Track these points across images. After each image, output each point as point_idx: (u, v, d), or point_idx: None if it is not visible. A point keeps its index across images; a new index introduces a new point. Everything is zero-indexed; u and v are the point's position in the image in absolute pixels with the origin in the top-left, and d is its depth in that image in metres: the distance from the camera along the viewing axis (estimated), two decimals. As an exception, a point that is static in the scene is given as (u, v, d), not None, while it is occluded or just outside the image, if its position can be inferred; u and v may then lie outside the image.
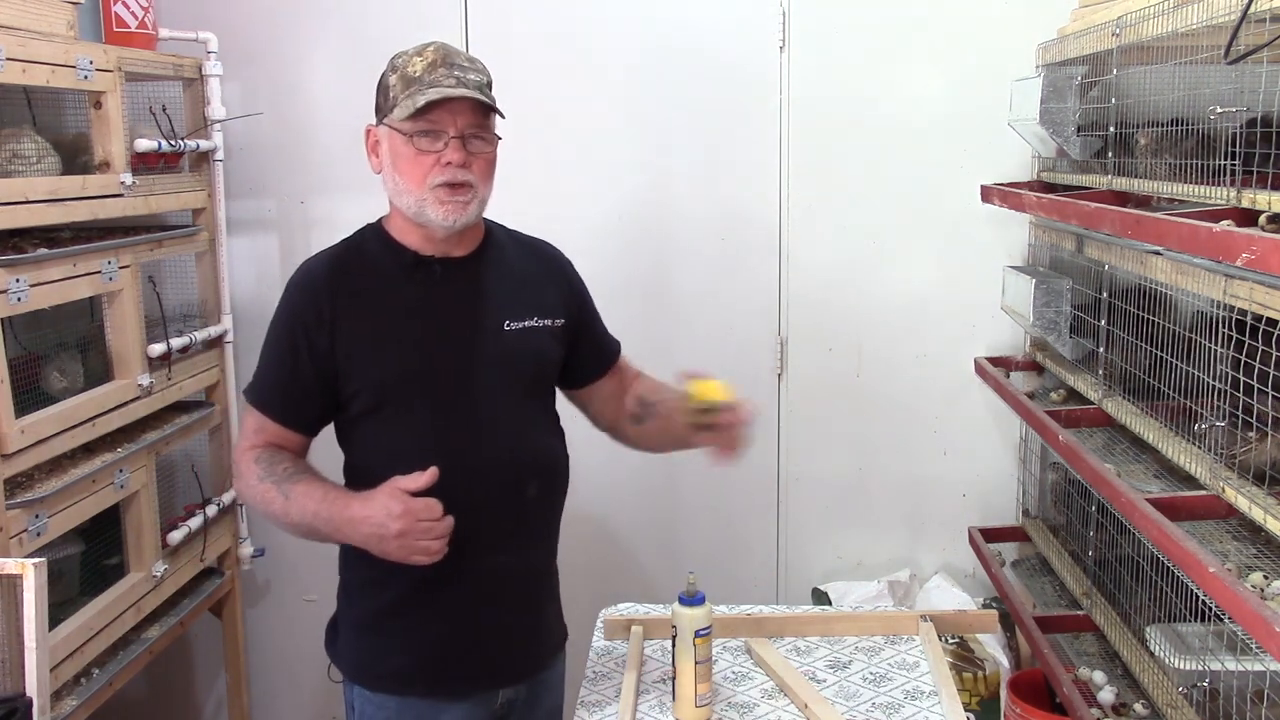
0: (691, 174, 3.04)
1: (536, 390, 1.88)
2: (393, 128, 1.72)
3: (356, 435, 1.79)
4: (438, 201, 1.71)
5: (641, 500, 3.16)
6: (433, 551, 1.63)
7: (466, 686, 1.80)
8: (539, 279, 1.90)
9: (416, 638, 1.78)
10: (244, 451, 1.76)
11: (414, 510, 1.60)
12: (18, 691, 1.81)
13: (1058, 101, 2.38)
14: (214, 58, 2.88)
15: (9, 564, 1.83)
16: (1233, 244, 1.51)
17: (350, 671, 1.83)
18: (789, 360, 3.09)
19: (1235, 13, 1.61)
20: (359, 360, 1.73)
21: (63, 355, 2.35)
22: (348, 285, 1.76)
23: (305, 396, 1.75)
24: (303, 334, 1.73)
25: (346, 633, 1.84)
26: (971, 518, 3.08)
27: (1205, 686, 1.82)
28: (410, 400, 1.74)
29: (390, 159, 1.73)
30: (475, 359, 1.77)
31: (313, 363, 1.73)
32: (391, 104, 1.71)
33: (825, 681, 1.86)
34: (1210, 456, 1.77)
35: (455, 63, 1.72)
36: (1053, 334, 2.48)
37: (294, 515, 1.69)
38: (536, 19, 3.01)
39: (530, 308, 1.84)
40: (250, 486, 1.73)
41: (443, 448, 1.71)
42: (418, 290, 1.77)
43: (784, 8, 2.97)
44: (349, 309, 1.74)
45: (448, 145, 1.70)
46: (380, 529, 1.61)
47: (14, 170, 2.20)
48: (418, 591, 1.75)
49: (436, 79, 1.69)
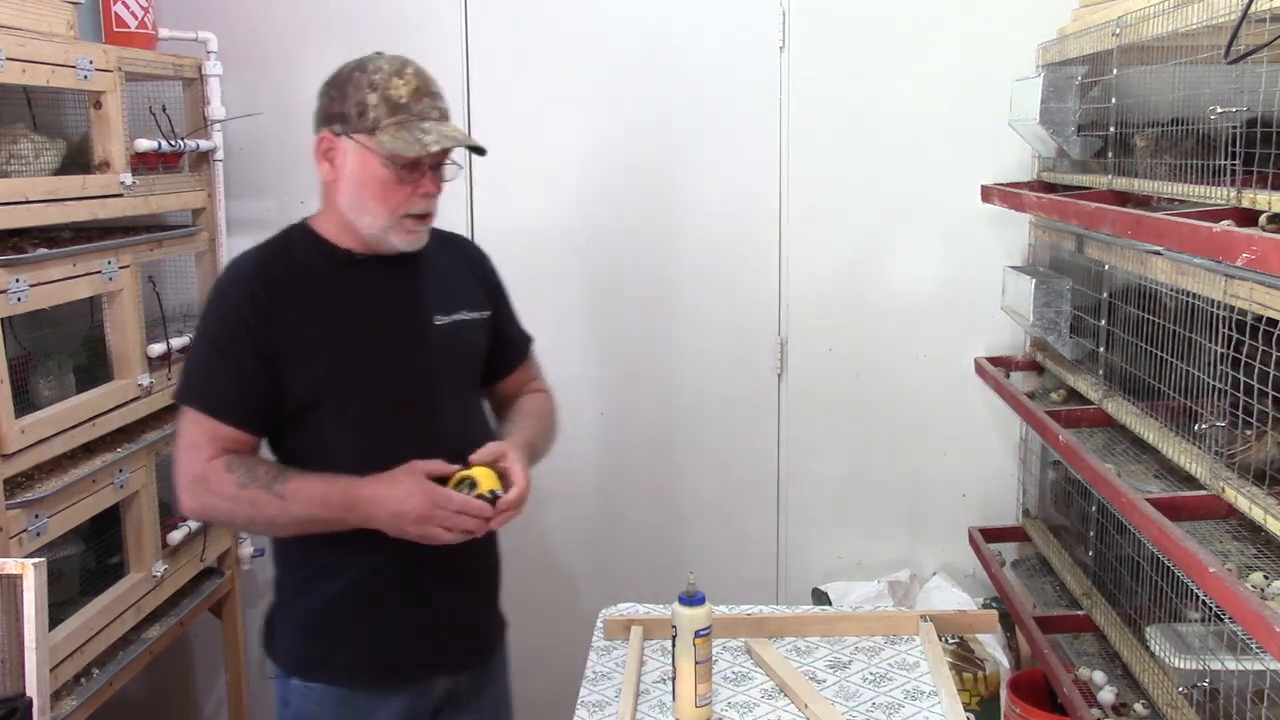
0: (691, 174, 3.03)
1: (469, 382, 1.91)
2: (369, 148, 1.70)
3: (290, 435, 1.78)
4: (405, 231, 1.74)
5: (641, 500, 3.16)
6: (461, 533, 1.67)
7: (410, 678, 1.81)
8: (463, 273, 1.93)
9: (362, 630, 1.79)
10: (206, 463, 1.70)
11: (438, 498, 1.65)
12: (18, 691, 1.81)
13: (1058, 101, 2.38)
14: (214, 58, 2.88)
15: (9, 564, 1.83)
16: (1233, 244, 1.50)
17: (290, 666, 1.83)
18: (789, 360, 3.09)
19: (1235, 13, 1.61)
20: (297, 357, 1.72)
21: (50, 363, 2.34)
22: (282, 283, 1.74)
23: (256, 395, 1.72)
24: (244, 332, 1.71)
25: (286, 627, 1.84)
26: (971, 518, 3.08)
27: (1205, 686, 1.82)
28: (348, 395, 1.75)
29: (358, 177, 1.72)
30: (411, 353, 1.79)
31: (256, 358, 1.71)
32: (373, 124, 1.69)
33: (825, 681, 1.86)
34: (1210, 456, 1.77)
35: (432, 90, 1.74)
36: (1053, 334, 2.48)
37: (294, 512, 1.68)
38: (536, 19, 3.01)
39: (458, 301, 1.86)
40: (228, 498, 1.69)
41: (384, 441, 1.74)
42: (352, 287, 1.77)
43: (784, 8, 2.97)
44: (285, 306, 1.73)
45: (425, 175, 1.72)
46: (401, 511, 1.65)
47: (12, 170, 2.20)
48: (363, 585, 1.77)
49: (424, 110, 1.71)
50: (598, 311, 3.10)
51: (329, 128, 1.74)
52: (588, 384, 3.12)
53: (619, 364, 3.12)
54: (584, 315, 3.12)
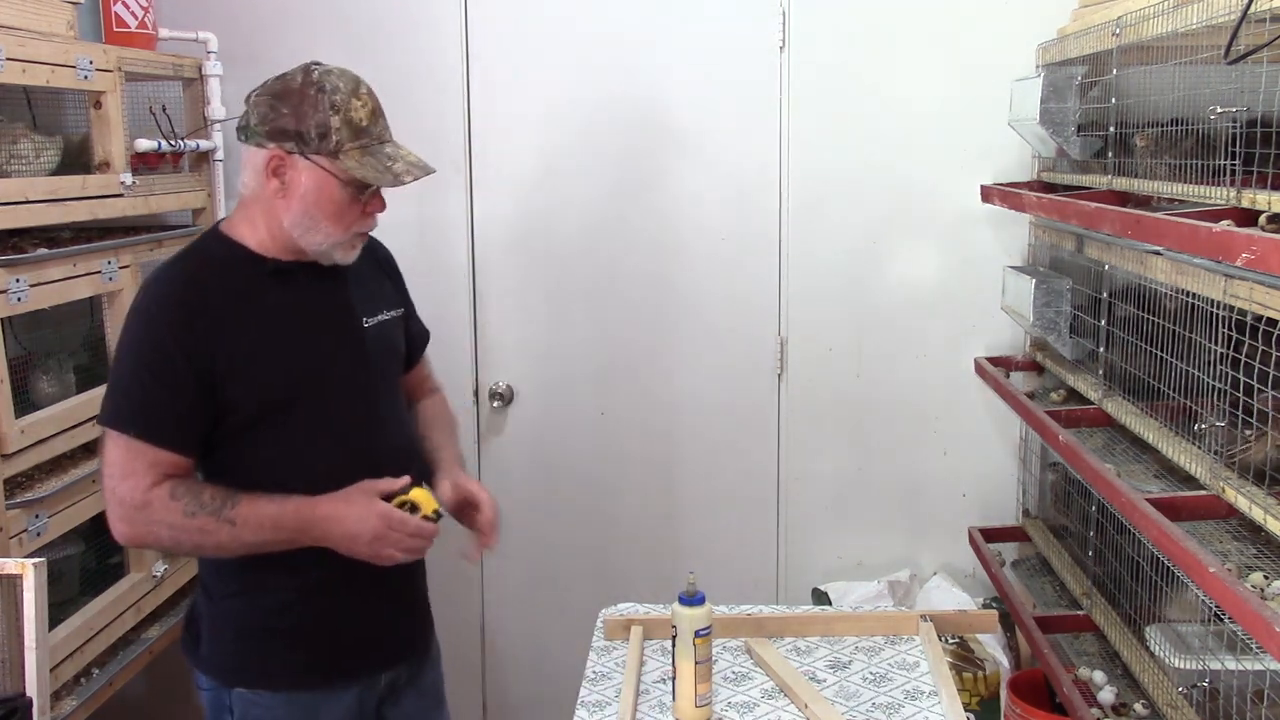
0: (691, 174, 3.03)
1: (395, 380, 1.94)
2: (329, 171, 1.68)
3: (230, 451, 1.74)
4: (350, 246, 1.76)
5: (641, 500, 3.16)
6: (412, 553, 1.71)
7: (355, 672, 1.83)
8: (377, 273, 1.94)
9: (306, 633, 1.79)
10: (148, 491, 1.64)
11: (393, 521, 1.68)
12: (18, 691, 1.81)
13: (1058, 101, 2.38)
14: (214, 58, 2.88)
15: (9, 564, 1.83)
16: (1233, 244, 1.50)
17: (229, 675, 1.80)
18: (789, 360, 3.09)
19: (1235, 13, 1.61)
20: (238, 372, 1.69)
21: (50, 362, 2.34)
22: (213, 297, 1.70)
23: (194, 418, 1.68)
24: (178, 350, 1.66)
25: (220, 637, 1.80)
26: (971, 518, 3.08)
27: (1205, 686, 1.82)
28: (295, 405, 1.74)
29: (313, 198, 1.69)
30: (349, 358, 1.80)
31: (193, 378, 1.66)
32: (335, 146, 1.67)
33: (825, 681, 1.87)
34: (1210, 456, 1.77)
35: (380, 108, 1.75)
36: (1053, 334, 2.48)
37: (245, 537, 1.66)
38: (535, 18, 3.01)
39: (379, 301, 1.89)
40: (173, 526, 1.65)
41: (327, 449, 1.75)
42: (281, 297, 1.75)
43: (784, 8, 2.97)
44: (219, 321, 1.69)
45: (375, 195, 1.74)
46: (355, 533, 1.67)
47: (13, 170, 2.20)
48: (303, 592, 1.77)
49: (381, 132, 1.73)
50: (598, 311, 3.10)
51: (280, 145, 1.68)
52: (588, 384, 3.12)
53: (619, 364, 3.12)
54: (584, 315, 3.12)
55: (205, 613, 1.83)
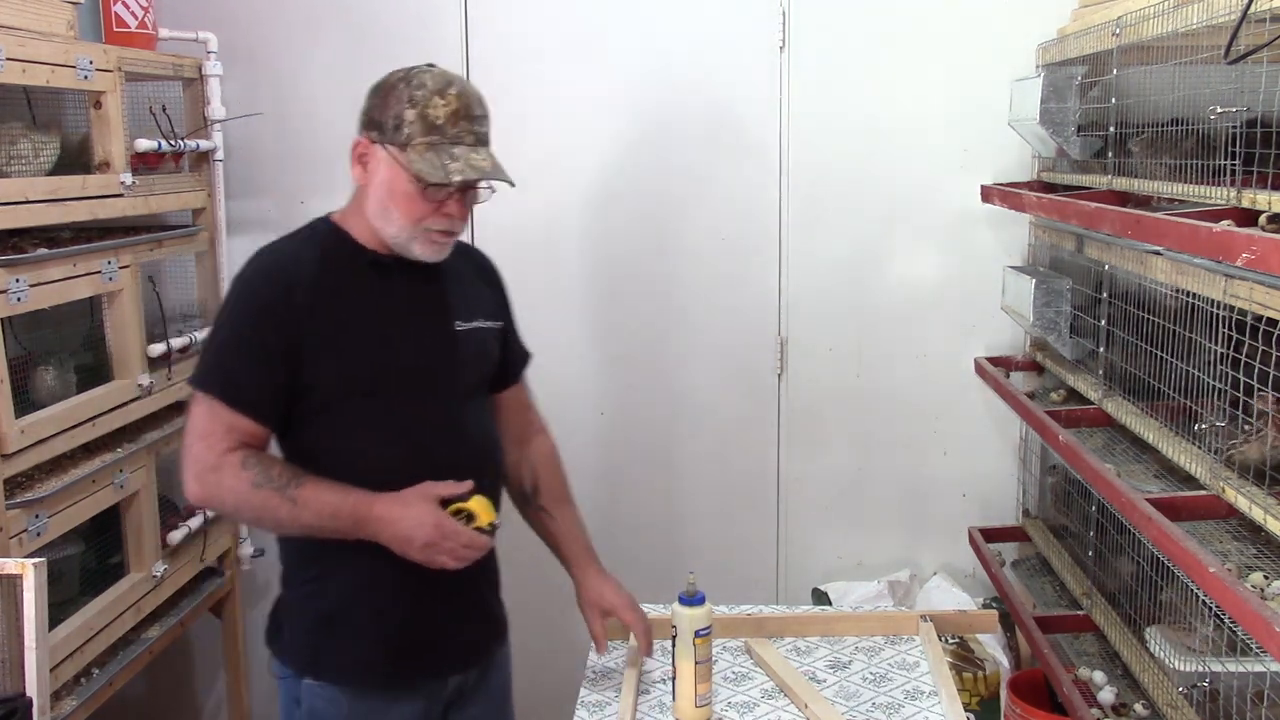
0: (692, 174, 3.03)
1: (481, 388, 1.93)
2: (399, 162, 1.71)
3: (307, 431, 1.77)
4: (427, 241, 1.76)
5: (641, 500, 3.16)
6: (463, 562, 1.71)
7: (423, 676, 1.83)
8: (480, 283, 1.96)
9: (374, 629, 1.79)
10: (223, 455, 1.69)
11: (447, 531, 1.68)
12: (18, 691, 1.81)
13: (1058, 101, 2.38)
14: (214, 58, 2.88)
15: (9, 564, 1.83)
16: (1233, 244, 1.51)
17: (301, 665, 1.82)
18: (789, 360, 3.09)
19: (1235, 13, 1.61)
20: (319, 354, 1.72)
21: (52, 360, 2.34)
22: (309, 278, 1.74)
23: (276, 390, 1.72)
24: (270, 324, 1.71)
25: (297, 626, 1.83)
26: (971, 518, 3.08)
27: (1205, 687, 1.82)
28: (372, 393, 1.76)
29: (387, 188, 1.73)
30: (430, 356, 1.81)
31: (280, 353, 1.71)
32: (405, 139, 1.70)
33: (825, 681, 1.86)
34: (1210, 456, 1.77)
35: (474, 114, 1.74)
36: (1053, 334, 2.48)
37: (304, 519, 1.69)
38: (536, 20, 3.01)
39: (476, 310, 1.89)
40: (239, 494, 1.69)
41: (400, 444, 1.76)
42: (376, 289, 1.78)
43: (784, 8, 2.97)
44: (311, 302, 1.73)
45: (451, 196, 1.74)
46: (408, 536, 1.68)
47: (13, 170, 2.20)
48: (375, 583, 1.77)
49: (459, 134, 1.71)
50: (598, 311, 3.10)
51: (366, 133, 1.75)
52: (588, 384, 3.12)
53: (619, 364, 3.12)
54: (584, 315, 3.12)
55: (284, 602, 1.87)
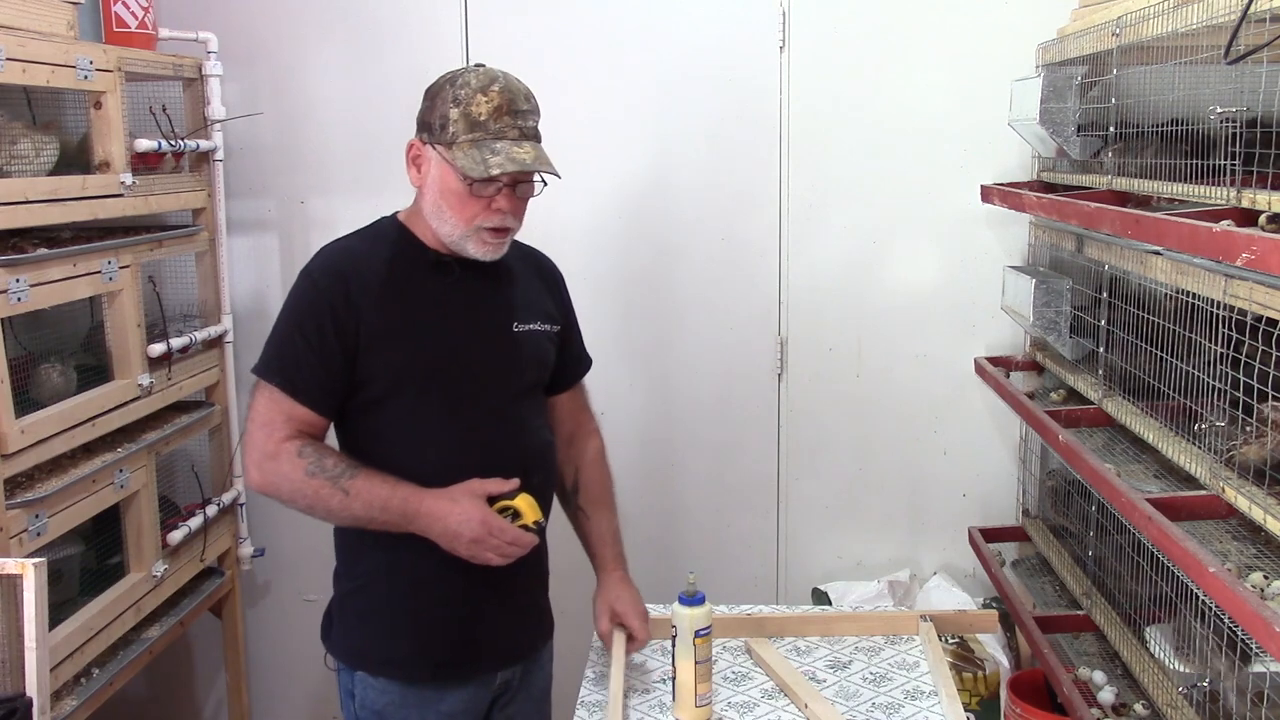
0: (691, 174, 3.03)
1: (536, 389, 1.96)
2: (447, 161, 1.75)
3: (362, 424, 1.82)
4: (481, 241, 1.79)
5: (641, 500, 3.16)
6: (508, 559, 1.74)
7: (469, 670, 1.86)
8: (540, 286, 1.99)
9: (423, 623, 1.83)
10: (280, 444, 1.74)
11: (493, 527, 1.72)
12: (18, 691, 1.81)
13: (1058, 101, 2.38)
14: (214, 58, 2.88)
15: (9, 564, 1.83)
16: (1233, 244, 1.51)
17: (351, 658, 1.86)
18: (789, 360, 3.09)
19: (1235, 13, 1.61)
20: (377, 348, 1.77)
21: (54, 358, 2.35)
22: (373, 273, 1.79)
23: (334, 381, 1.77)
24: (330, 317, 1.75)
25: (348, 620, 1.88)
26: (971, 518, 3.08)
27: (1205, 686, 1.82)
28: (423, 392, 1.79)
29: (438, 187, 1.78)
30: (487, 355, 1.84)
31: (339, 346, 1.75)
32: (451, 138, 1.74)
33: (825, 681, 1.86)
34: (1210, 456, 1.77)
35: (518, 109, 1.76)
36: (1053, 334, 2.48)
37: (355, 509, 1.73)
38: (536, 19, 3.01)
39: (535, 312, 1.93)
40: (293, 481, 1.73)
41: (452, 440, 1.79)
42: (437, 287, 1.82)
43: (784, 8, 2.97)
44: (372, 297, 1.77)
45: (500, 192, 1.76)
46: (456, 532, 1.71)
47: (13, 170, 2.20)
48: (424, 578, 1.80)
49: (502, 129, 1.74)
50: (597, 311, 3.10)
51: (419, 135, 1.80)
52: (588, 384, 3.11)
53: (619, 364, 3.11)
54: (583, 315, 3.08)
55: (336, 593, 1.90)
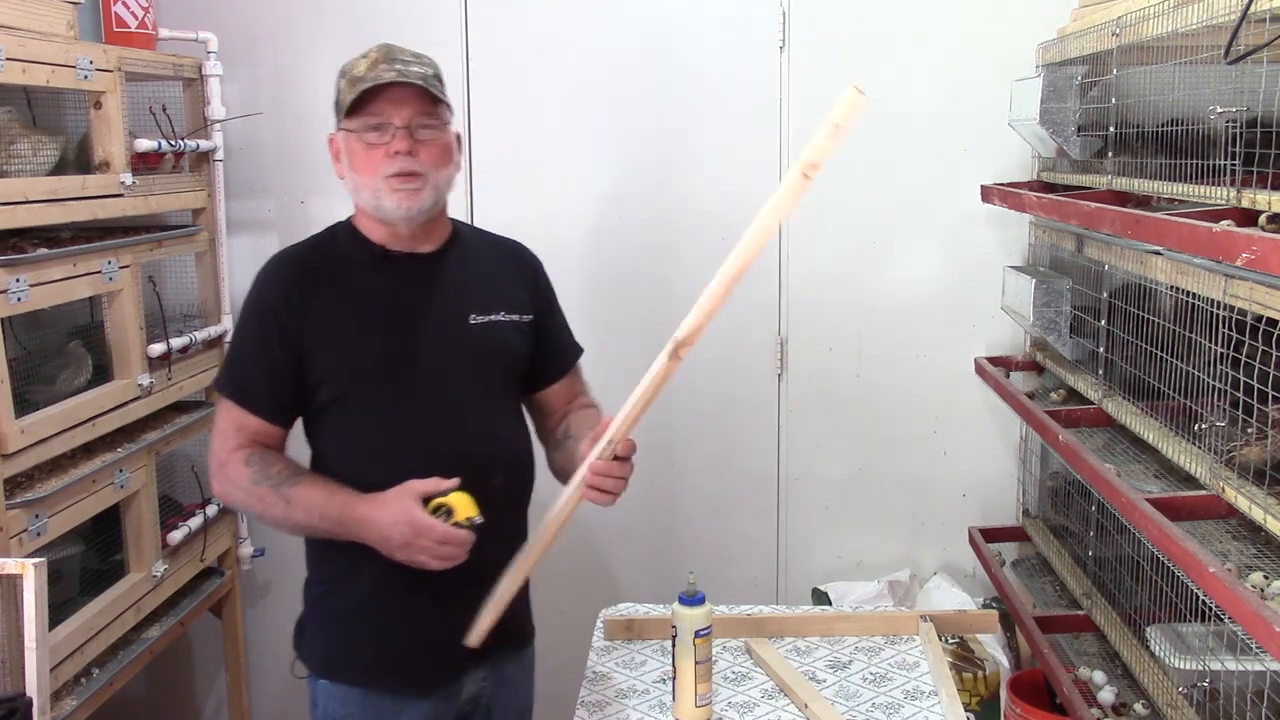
0: (691, 174, 3.03)
1: (502, 383, 1.90)
2: (346, 129, 1.77)
3: (322, 427, 1.81)
4: (390, 190, 1.75)
5: (641, 500, 3.15)
6: (445, 560, 1.67)
7: (431, 677, 1.82)
8: (507, 276, 1.94)
9: (383, 630, 1.80)
10: (231, 453, 1.75)
11: (421, 527, 1.65)
12: (18, 691, 1.81)
13: (1058, 101, 2.38)
14: (214, 58, 2.88)
15: (9, 564, 1.83)
16: (1233, 244, 1.51)
17: (317, 666, 1.85)
18: (789, 360, 3.09)
19: (1235, 13, 1.61)
20: (326, 349, 1.76)
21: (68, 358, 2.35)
22: (316, 275, 1.79)
23: (284, 390, 1.77)
24: (274, 322, 1.76)
25: (313, 628, 1.87)
26: (971, 518, 3.08)
27: (1205, 686, 1.82)
28: (375, 390, 1.77)
29: (347, 159, 1.78)
30: (440, 350, 1.81)
31: (284, 350, 1.75)
32: (342, 106, 1.76)
33: (825, 681, 1.87)
34: (1210, 456, 1.77)
35: (397, 57, 1.77)
36: (1053, 334, 2.48)
37: (296, 517, 1.73)
38: (536, 19, 3.01)
39: (496, 302, 1.87)
40: (242, 490, 1.74)
41: (407, 437, 1.76)
42: (384, 283, 1.81)
43: (784, 8, 2.97)
44: (317, 298, 1.77)
45: (395, 136, 1.74)
46: (386, 536, 1.67)
47: (13, 169, 2.20)
48: (384, 584, 1.77)
49: (378, 74, 1.74)
50: (597, 311, 3.10)
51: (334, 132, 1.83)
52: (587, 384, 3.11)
53: (619, 364, 3.09)
54: (583, 315, 3.09)
55: (305, 600, 1.90)
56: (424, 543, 1.66)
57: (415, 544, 1.66)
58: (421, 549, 1.66)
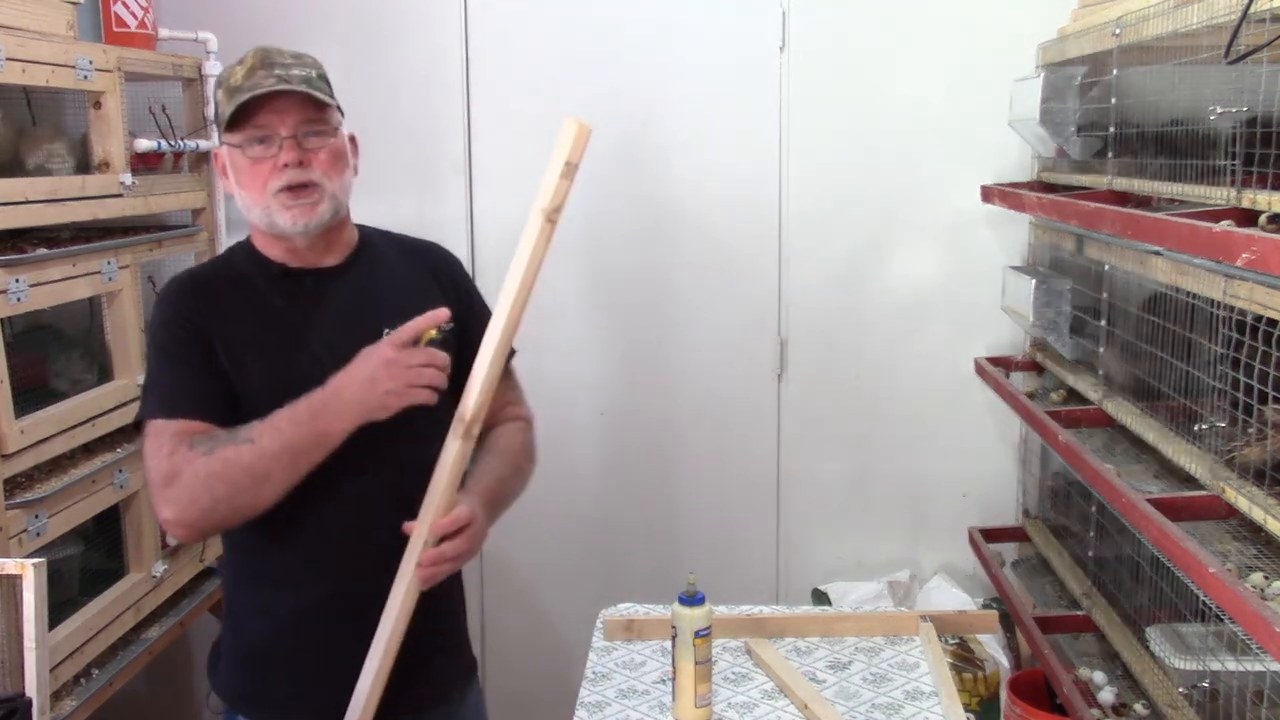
0: (691, 174, 3.03)
1: None
2: (229, 144, 1.65)
3: None
4: (283, 207, 1.63)
5: (641, 500, 3.16)
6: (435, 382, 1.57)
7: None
8: (423, 282, 1.80)
9: (301, 667, 1.70)
10: (170, 457, 1.56)
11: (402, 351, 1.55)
12: (18, 691, 1.81)
13: (1058, 101, 2.38)
14: (214, 58, 2.88)
15: (9, 564, 1.83)
16: (1233, 244, 1.50)
17: (233, 700, 1.75)
18: (789, 360, 3.09)
19: (1235, 13, 1.61)
20: (236, 364, 1.64)
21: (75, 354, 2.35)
22: (215, 300, 1.68)
23: (214, 388, 1.63)
24: (191, 332, 1.64)
25: (230, 659, 1.76)
26: (971, 518, 3.08)
27: (1205, 687, 1.82)
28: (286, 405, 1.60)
29: (233, 175, 1.66)
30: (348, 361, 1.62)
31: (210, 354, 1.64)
32: (222, 119, 1.64)
33: (825, 682, 1.86)
34: (1210, 456, 1.77)
35: (275, 62, 1.63)
36: (1053, 334, 2.48)
37: (268, 444, 1.55)
38: (536, 19, 3.01)
39: (411, 310, 1.64)
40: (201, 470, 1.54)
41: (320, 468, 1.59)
42: (287, 303, 1.69)
43: (784, 8, 2.97)
44: (222, 316, 1.66)
45: (281, 148, 1.62)
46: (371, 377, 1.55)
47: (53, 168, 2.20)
48: (303, 618, 1.69)
49: (256, 82, 1.61)
50: (597, 311, 3.11)
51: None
52: (587, 384, 3.12)
53: (619, 364, 3.12)
54: (584, 315, 3.12)
55: (223, 631, 1.79)
56: (411, 364, 1.55)
57: (401, 375, 1.54)
58: (409, 378, 1.55)
